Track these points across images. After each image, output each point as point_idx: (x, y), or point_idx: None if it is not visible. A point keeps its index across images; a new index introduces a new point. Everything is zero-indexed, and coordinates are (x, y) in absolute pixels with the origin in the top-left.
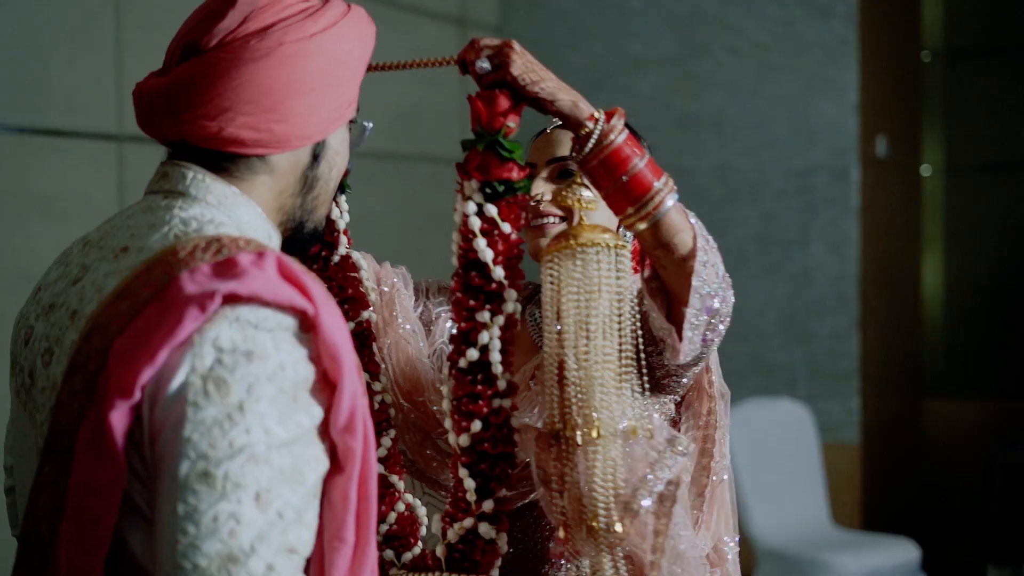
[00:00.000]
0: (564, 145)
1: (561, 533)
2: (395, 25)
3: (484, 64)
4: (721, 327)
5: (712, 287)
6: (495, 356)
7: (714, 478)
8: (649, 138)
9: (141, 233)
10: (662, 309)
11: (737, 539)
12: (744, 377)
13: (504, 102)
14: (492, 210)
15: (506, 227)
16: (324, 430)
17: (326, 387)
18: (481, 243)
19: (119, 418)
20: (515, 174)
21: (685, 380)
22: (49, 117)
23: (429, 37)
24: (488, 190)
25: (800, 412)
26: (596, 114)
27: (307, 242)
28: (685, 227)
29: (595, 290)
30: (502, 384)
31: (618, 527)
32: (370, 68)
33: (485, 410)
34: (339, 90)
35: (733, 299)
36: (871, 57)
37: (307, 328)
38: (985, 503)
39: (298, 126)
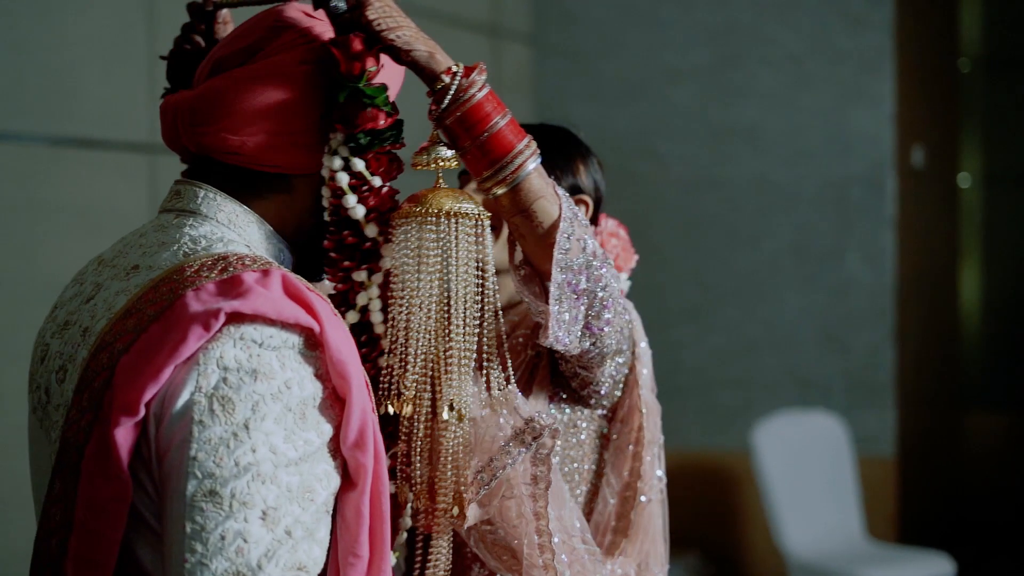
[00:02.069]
0: None
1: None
2: (427, 35)
3: (340, 3)
4: (607, 314)
5: (576, 262)
6: (376, 317)
7: (642, 498)
8: (683, 149)
9: (152, 251)
10: (540, 297)
11: (667, 570)
12: (778, 389)
13: (358, 44)
14: (359, 164)
15: (376, 180)
16: (335, 447)
17: (335, 404)
18: (351, 200)
19: (123, 435)
20: (381, 122)
21: (603, 390)
22: (82, 128)
23: (461, 47)
24: (352, 143)
25: (835, 425)
26: (454, 67)
27: (322, 262)
28: (548, 194)
29: (452, 264)
30: (386, 344)
31: (470, 510)
32: (221, 4)
33: (372, 372)
34: None
35: (616, 283)
36: (907, 66)
37: (313, 346)
38: (1021, 517)
39: (319, 148)
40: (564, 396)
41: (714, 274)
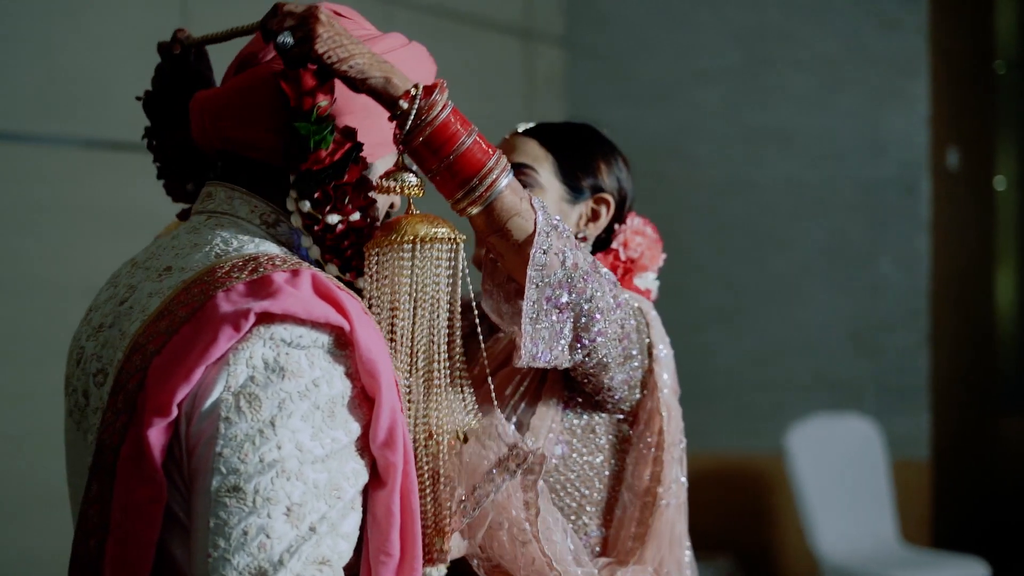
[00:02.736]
0: (523, 151)
1: None
2: (459, 38)
3: (287, 39)
4: (596, 326)
5: (555, 277)
6: None
7: (662, 503)
8: (715, 151)
9: (184, 253)
10: (512, 317)
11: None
12: (811, 392)
13: (309, 80)
14: (306, 205)
15: (332, 218)
16: (363, 445)
17: (364, 403)
18: (306, 241)
19: (156, 436)
20: (323, 157)
21: (618, 395)
22: (116, 131)
23: (493, 50)
24: (300, 184)
25: (868, 428)
26: (413, 90)
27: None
28: (522, 210)
29: (428, 290)
30: None
31: (452, 542)
32: (189, 45)
33: None
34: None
35: (609, 292)
36: (942, 68)
37: (343, 345)
38: None
39: None
40: (580, 401)
41: (746, 277)
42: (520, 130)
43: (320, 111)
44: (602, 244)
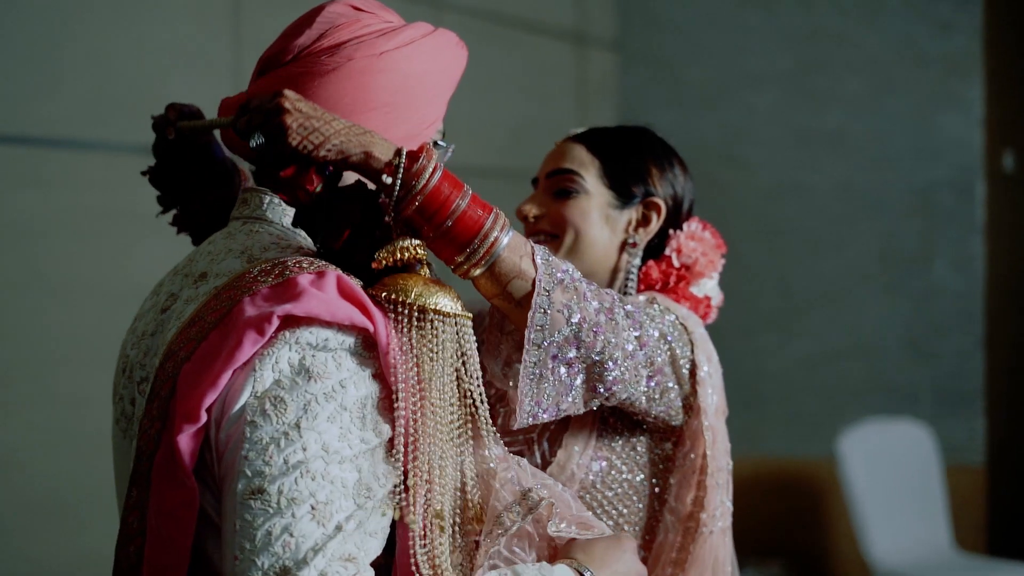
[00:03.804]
0: (569, 157)
1: None
2: (511, 42)
3: (259, 140)
4: (611, 374)
5: (559, 336)
6: None
7: (704, 529)
8: (767, 154)
9: (219, 259)
10: (516, 376)
11: None
12: (864, 396)
13: (289, 173)
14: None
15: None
16: (392, 446)
17: (392, 405)
18: None
19: (187, 442)
20: (330, 244)
21: (659, 421)
22: None
23: (545, 54)
24: (321, 257)
25: (922, 433)
26: (395, 159)
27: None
28: (521, 270)
29: (436, 362)
30: None
31: None
32: (183, 131)
33: None
34: (414, 110)
35: (618, 342)
36: (997, 70)
37: (370, 346)
38: None
39: None
40: (619, 417)
41: (798, 281)
42: (572, 135)
43: (320, 192)
44: (655, 250)
